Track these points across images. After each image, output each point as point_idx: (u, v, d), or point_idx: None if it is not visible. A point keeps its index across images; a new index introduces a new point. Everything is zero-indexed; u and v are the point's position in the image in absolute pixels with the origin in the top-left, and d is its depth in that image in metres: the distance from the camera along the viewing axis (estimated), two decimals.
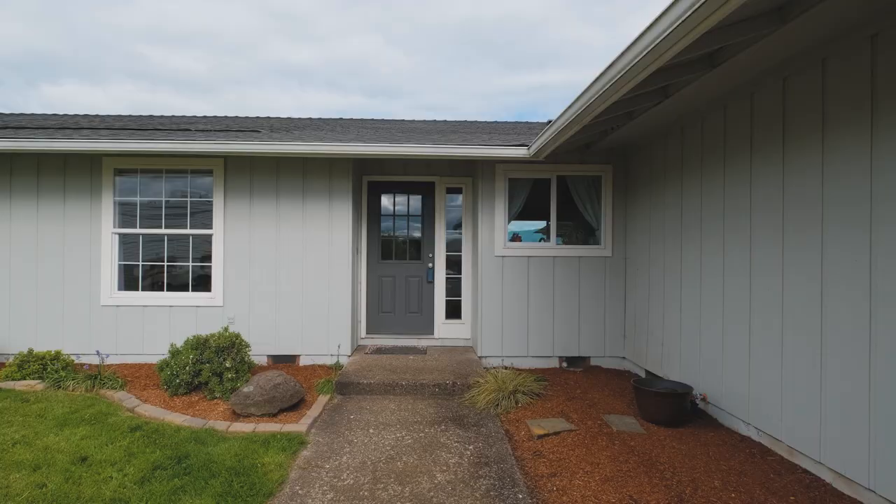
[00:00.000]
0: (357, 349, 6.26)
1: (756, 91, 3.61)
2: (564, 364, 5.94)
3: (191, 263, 5.90)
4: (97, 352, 5.15)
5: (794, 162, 3.28)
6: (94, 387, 4.67)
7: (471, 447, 3.63)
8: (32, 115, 8.39)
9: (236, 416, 4.17)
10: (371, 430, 3.93)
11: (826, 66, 3.02)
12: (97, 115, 8.57)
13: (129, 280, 5.90)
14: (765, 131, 3.55)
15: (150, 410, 4.21)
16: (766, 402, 3.53)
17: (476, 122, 9.01)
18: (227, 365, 4.61)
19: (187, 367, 4.55)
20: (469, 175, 6.62)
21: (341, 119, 9.12)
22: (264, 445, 3.52)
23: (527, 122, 9.17)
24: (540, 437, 3.78)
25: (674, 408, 3.97)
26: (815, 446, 3.09)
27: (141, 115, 8.86)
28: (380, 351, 6.15)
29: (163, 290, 5.89)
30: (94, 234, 5.77)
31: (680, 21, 2.45)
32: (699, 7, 2.31)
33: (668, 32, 2.56)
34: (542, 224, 6.28)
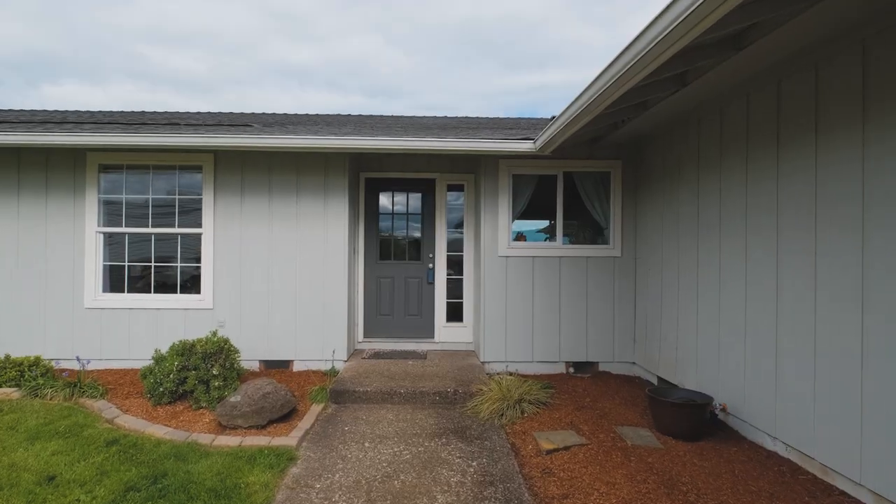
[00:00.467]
0: (354, 354, 5.98)
1: (784, 77, 3.32)
2: (571, 370, 5.65)
3: (179, 264, 5.62)
4: (77, 358, 4.86)
5: (830, 154, 3.00)
6: (72, 395, 4.40)
7: (474, 463, 3.35)
8: (20, 110, 8.11)
9: (222, 428, 3.89)
10: (367, 444, 3.65)
11: (867, 49, 2.74)
12: (87, 111, 8.27)
13: (114, 281, 5.62)
14: (794, 122, 3.26)
15: (130, 422, 3.93)
16: (795, 414, 3.24)
17: (478, 118, 8.72)
18: (215, 372, 4.33)
19: (172, 375, 4.27)
20: (471, 172, 6.34)
21: (338, 115, 8.82)
22: (250, 462, 3.24)
23: (529, 119, 8.88)
24: (549, 452, 3.49)
25: (693, 419, 3.69)
26: (854, 466, 2.80)
27: (132, 111, 8.57)
28: (378, 355, 5.87)
29: (150, 291, 5.61)
30: (77, 233, 5.48)
31: None
32: None
33: (696, 5, 2.28)
34: (547, 223, 6.00)
